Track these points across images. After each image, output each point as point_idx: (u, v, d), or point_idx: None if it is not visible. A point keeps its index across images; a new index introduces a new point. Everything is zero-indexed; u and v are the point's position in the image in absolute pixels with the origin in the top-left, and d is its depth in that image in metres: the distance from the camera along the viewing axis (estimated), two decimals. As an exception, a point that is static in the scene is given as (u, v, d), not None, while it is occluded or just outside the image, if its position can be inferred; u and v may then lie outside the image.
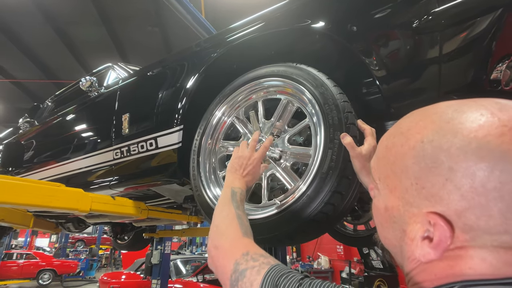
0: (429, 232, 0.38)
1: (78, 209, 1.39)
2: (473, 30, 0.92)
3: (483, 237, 0.36)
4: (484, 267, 0.36)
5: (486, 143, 0.35)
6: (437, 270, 0.39)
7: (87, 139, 1.96)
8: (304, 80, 1.08)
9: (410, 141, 0.41)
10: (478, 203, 0.35)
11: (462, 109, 0.39)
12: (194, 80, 1.43)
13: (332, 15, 1.12)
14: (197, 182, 1.26)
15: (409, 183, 0.40)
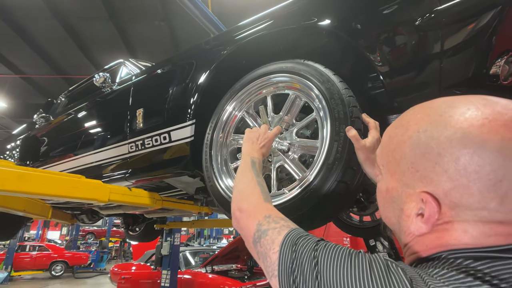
0: (422, 209, 0.45)
1: (98, 199, 1.48)
2: (473, 27, 0.96)
3: (466, 212, 0.42)
4: (466, 238, 0.42)
5: (469, 133, 0.41)
6: (428, 241, 0.46)
7: (103, 133, 2.05)
8: (312, 76, 1.14)
9: (408, 131, 0.48)
10: (461, 184, 0.41)
11: (453, 104, 0.46)
12: (206, 76, 1.49)
13: (337, 13, 1.17)
14: (210, 174, 1.33)
15: (406, 167, 0.47)
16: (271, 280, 0.54)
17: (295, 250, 0.50)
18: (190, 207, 2.09)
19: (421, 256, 0.47)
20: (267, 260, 0.55)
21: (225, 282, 5.93)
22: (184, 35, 8.24)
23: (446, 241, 0.44)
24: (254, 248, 0.60)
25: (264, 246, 0.56)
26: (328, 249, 0.47)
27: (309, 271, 0.46)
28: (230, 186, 1.28)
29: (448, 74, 1.00)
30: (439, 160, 0.43)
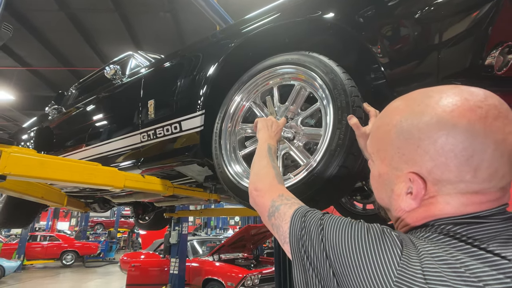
0: (411, 188, 0.51)
1: (113, 185, 1.57)
2: (470, 19, 1.01)
3: (447, 186, 0.49)
4: (448, 208, 0.49)
5: (442, 117, 0.48)
6: (417, 214, 0.53)
7: (115, 124, 2.13)
8: (316, 67, 1.20)
9: (392, 121, 0.54)
10: (441, 162, 0.48)
11: (429, 94, 0.52)
12: (214, 68, 1.56)
13: (341, 7, 1.22)
14: (220, 161, 1.41)
15: (394, 152, 0.53)
16: (283, 246, 0.61)
17: (304, 221, 0.58)
18: (200, 194, 2.18)
19: (412, 227, 0.54)
20: (280, 230, 0.63)
21: (232, 270, 6.09)
22: (190, 26, 8.24)
23: (432, 213, 0.51)
24: (269, 221, 0.68)
25: (277, 218, 0.65)
26: (332, 218, 0.55)
27: (316, 235, 0.53)
28: (239, 172, 1.36)
29: (445, 65, 1.05)
30: (421, 144, 0.49)
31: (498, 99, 0.49)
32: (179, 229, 5.88)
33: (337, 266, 0.49)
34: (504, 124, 0.46)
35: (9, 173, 1.25)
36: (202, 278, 6.31)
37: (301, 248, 0.55)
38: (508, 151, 0.46)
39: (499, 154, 0.46)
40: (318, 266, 0.52)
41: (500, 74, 1.03)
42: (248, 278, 5.77)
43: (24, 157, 1.30)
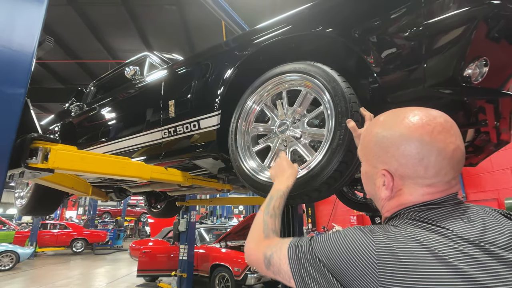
0: (384, 181, 0.70)
1: (141, 177, 1.78)
2: (452, 38, 1.19)
3: (409, 181, 0.67)
4: (411, 198, 0.68)
5: (403, 132, 0.67)
6: (392, 203, 0.71)
7: (137, 121, 2.32)
8: (320, 76, 1.39)
9: (373, 132, 0.73)
10: (402, 162, 0.67)
11: (397, 114, 0.71)
12: (230, 73, 1.76)
13: (338, 24, 1.40)
14: (236, 156, 1.62)
15: (373, 155, 0.72)
16: (290, 283, 0.70)
17: (297, 250, 0.70)
18: (214, 184, 2.39)
19: (390, 213, 0.71)
20: (282, 272, 0.72)
21: (238, 256, 6.36)
22: (195, 18, 8.34)
23: (401, 202, 0.69)
24: (268, 271, 0.77)
25: (275, 265, 0.74)
26: (318, 236, 0.71)
27: (308, 254, 0.67)
28: (254, 167, 1.57)
29: (430, 75, 1.23)
30: (389, 149, 0.68)
31: (444, 119, 0.67)
32: (187, 217, 6.13)
33: (329, 264, 0.62)
34: (446, 137, 0.64)
35: (57, 167, 1.46)
36: (210, 263, 6.60)
37: (303, 272, 0.66)
38: (448, 156, 0.64)
39: (441, 157, 0.64)
40: (319, 277, 0.63)
41: (477, 84, 1.22)
42: (253, 264, 6.04)
43: (68, 153, 1.51)
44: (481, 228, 0.60)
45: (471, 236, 0.58)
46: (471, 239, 0.58)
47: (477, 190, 5.73)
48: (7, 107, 1.39)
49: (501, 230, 0.61)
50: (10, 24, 1.45)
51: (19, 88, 1.46)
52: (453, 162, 0.64)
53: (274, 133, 1.57)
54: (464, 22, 1.15)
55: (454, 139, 0.64)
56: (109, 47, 9.78)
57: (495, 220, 0.64)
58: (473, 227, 0.61)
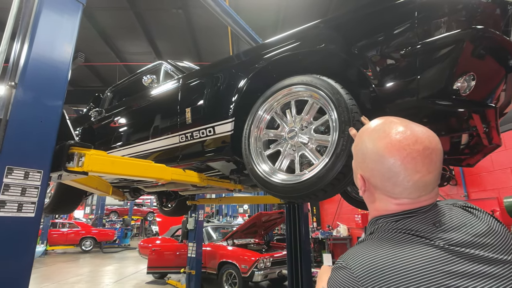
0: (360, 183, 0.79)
1: (163, 178, 1.96)
2: (443, 55, 1.34)
3: (379, 191, 0.75)
4: (381, 206, 0.75)
5: (377, 149, 0.72)
6: (373, 209, 0.79)
7: (156, 127, 2.51)
8: (325, 88, 1.56)
9: (358, 144, 0.81)
10: (372, 174, 0.74)
11: (384, 127, 0.75)
12: (243, 83, 1.93)
13: (340, 42, 1.57)
14: (249, 159, 1.80)
15: (357, 163, 0.81)
16: None
17: None
18: (227, 184, 2.57)
19: (371, 217, 0.79)
20: None
21: (245, 253, 6.54)
22: (201, 21, 8.50)
23: (377, 208, 0.77)
24: None
25: None
26: None
27: None
28: (266, 170, 1.74)
29: (423, 88, 1.39)
30: (365, 160, 0.75)
31: (424, 145, 0.69)
32: (195, 216, 6.31)
33: None
34: (416, 165, 0.68)
35: (91, 170, 1.65)
36: (218, 261, 6.79)
37: None
38: (413, 181, 0.68)
39: (406, 181, 0.69)
40: None
41: (465, 96, 1.37)
42: (260, 261, 6.22)
43: (100, 158, 1.69)
44: (450, 231, 0.67)
45: (442, 241, 0.65)
46: (441, 244, 0.64)
47: (478, 189, 5.85)
48: (48, 117, 1.58)
49: (466, 229, 0.68)
50: (51, 44, 1.64)
51: (58, 100, 1.65)
52: (418, 185, 0.69)
53: (284, 139, 1.74)
54: (453, 42, 1.31)
55: (425, 169, 0.68)
56: (117, 50, 10.00)
57: (460, 219, 0.71)
58: (444, 231, 0.67)
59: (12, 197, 1.40)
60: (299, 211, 4.39)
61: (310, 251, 4.61)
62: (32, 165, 1.48)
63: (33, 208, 1.46)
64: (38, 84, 1.57)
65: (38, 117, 1.55)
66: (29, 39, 1.60)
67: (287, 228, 4.49)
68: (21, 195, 1.42)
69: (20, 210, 1.41)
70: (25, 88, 1.52)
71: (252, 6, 7.26)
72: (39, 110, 1.56)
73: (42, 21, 1.63)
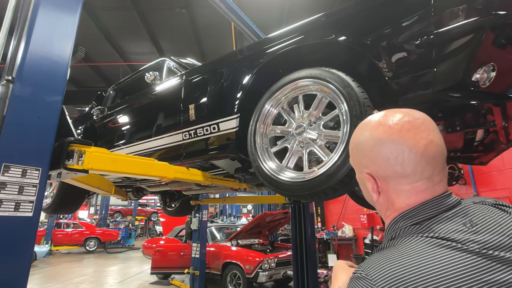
0: (370, 184, 0.70)
1: (166, 177, 1.89)
2: (461, 45, 1.26)
3: (391, 182, 0.67)
4: (400, 201, 0.67)
5: (373, 135, 0.68)
6: (389, 212, 0.70)
7: (158, 124, 2.44)
8: (335, 81, 1.48)
9: (353, 141, 0.75)
10: (379, 165, 0.67)
11: (369, 120, 0.72)
12: (248, 79, 1.86)
13: (352, 33, 1.49)
14: (255, 157, 1.73)
15: (357, 161, 0.74)
16: None
17: None
18: (232, 183, 2.50)
19: (390, 220, 0.70)
20: None
21: (249, 254, 6.48)
22: (205, 20, 8.47)
23: (395, 207, 0.68)
24: None
25: None
26: None
27: None
28: (273, 168, 1.67)
29: (440, 80, 1.31)
30: (366, 154, 0.70)
31: (413, 116, 0.67)
32: (199, 216, 6.26)
33: None
34: (415, 133, 0.64)
35: (91, 168, 1.59)
36: (222, 261, 6.73)
37: None
38: (420, 152, 0.63)
39: (413, 154, 0.63)
40: None
41: (484, 88, 1.29)
42: (265, 262, 6.16)
43: (101, 155, 1.63)
44: (484, 232, 0.59)
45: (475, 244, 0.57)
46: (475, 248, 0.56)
47: (488, 189, 5.72)
48: (47, 113, 1.52)
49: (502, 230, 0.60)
50: (50, 38, 1.58)
51: (57, 96, 1.59)
52: (427, 158, 0.64)
53: (292, 135, 1.67)
54: (472, 31, 1.23)
55: (425, 134, 0.65)
56: (121, 50, 10.00)
57: (494, 218, 0.64)
58: (477, 232, 0.59)
59: (9, 196, 1.34)
60: (304, 211, 4.32)
61: (316, 251, 4.54)
62: (30, 163, 1.42)
63: (31, 207, 1.40)
64: (37, 78, 1.52)
65: (37, 113, 1.49)
66: (27, 33, 1.54)
67: (292, 228, 4.42)
68: (18, 193, 1.37)
69: (17, 209, 1.36)
70: (23, 83, 1.47)
71: (256, 4, 7.18)
72: (38, 106, 1.51)
73: (41, 14, 1.58)
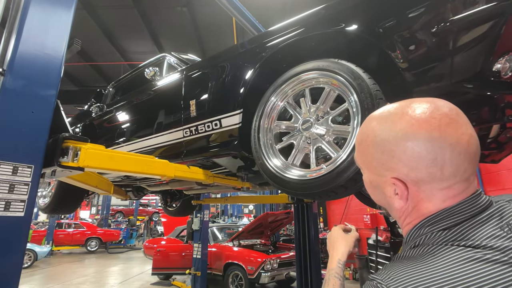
0: (396, 190, 0.60)
1: (166, 175, 1.81)
2: (480, 33, 1.18)
3: (424, 186, 0.57)
4: (431, 206, 0.58)
5: (406, 131, 0.56)
6: (413, 215, 0.61)
7: (158, 121, 2.37)
8: (344, 73, 1.40)
9: (369, 137, 0.62)
10: (412, 166, 0.56)
11: (394, 111, 0.60)
12: (251, 73, 1.78)
13: (362, 21, 1.40)
14: (259, 154, 1.64)
15: (376, 163, 0.62)
16: None
17: None
18: (234, 182, 2.42)
19: (411, 226, 0.61)
20: None
21: (251, 254, 6.39)
22: (206, 19, 8.41)
23: (421, 212, 0.59)
24: None
25: None
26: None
27: None
28: (278, 165, 1.58)
29: (458, 70, 1.23)
30: (394, 154, 0.58)
31: (448, 107, 0.58)
32: (201, 216, 6.19)
33: None
34: (455, 128, 0.55)
35: (87, 166, 1.51)
36: (223, 262, 6.65)
37: None
38: (464, 150, 0.55)
39: (456, 153, 0.54)
40: None
41: (506, 79, 1.21)
42: (267, 263, 6.07)
43: (97, 152, 1.55)
44: None
45: None
46: None
47: (496, 188, 5.62)
48: (40, 108, 1.44)
49: None
50: (43, 29, 1.51)
51: (51, 90, 1.51)
52: (470, 155, 0.56)
53: (298, 130, 1.58)
54: (493, 16, 1.14)
55: (465, 128, 0.56)
56: (122, 49, 9.95)
57: None
58: None
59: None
60: (308, 211, 4.24)
61: (319, 252, 4.46)
62: (22, 160, 1.35)
63: (23, 207, 1.32)
64: (29, 71, 1.44)
65: (29, 107, 1.42)
66: (19, 23, 1.46)
67: (295, 228, 4.35)
68: (8, 192, 1.29)
69: (7, 209, 1.28)
70: (14, 75, 1.39)
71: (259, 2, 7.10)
72: (30, 100, 1.43)
73: (34, 3, 1.50)
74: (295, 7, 7.32)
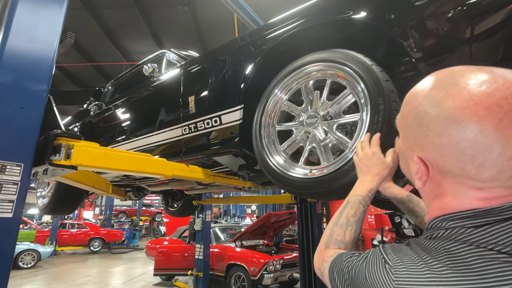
0: (418, 170, 0.54)
1: (164, 174, 1.73)
2: (500, 17, 1.08)
3: (451, 178, 0.50)
4: (455, 203, 0.51)
5: (453, 113, 0.46)
6: (434, 205, 0.55)
7: (156, 118, 2.29)
8: (350, 62, 1.31)
9: (411, 105, 0.54)
10: (444, 154, 0.48)
11: (453, 80, 0.49)
12: (252, 67, 1.69)
13: (372, 7, 1.31)
14: (261, 151, 1.55)
15: (409, 134, 0.55)
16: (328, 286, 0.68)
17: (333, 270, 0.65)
18: (236, 181, 2.34)
19: (430, 218, 0.56)
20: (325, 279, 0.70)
21: (254, 255, 6.31)
22: (208, 18, 8.34)
23: (443, 205, 0.53)
24: (322, 278, 0.75)
25: (325, 278, 0.70)
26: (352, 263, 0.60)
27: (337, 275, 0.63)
28: (280, 163, 1.50)
29: (477, 58, 1.13)
30: (429, 133, 0.50)
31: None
32: (202, 217, 6.13)
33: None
34: None
35: (80, 164, 1.43)
36: (226, 263, 6.57)
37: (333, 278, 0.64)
38: None
39: (505, 158, 0.44)
40: None
41: (529, 67, 1.11)
42: (270, 264, 5.98)
43: (91, 150, 1.48)
44: None
45: None
46: None
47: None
48: (31, 103, 1.37)
49: None
50: (34, 22, 1.44)
51: (42, 85, 1.44)
52: None
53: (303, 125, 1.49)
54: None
55: None
56: (123, 49, 9.91)
57: None
58: None
59: (-15, 195, 1.19)
60: (311, 211, 4.16)
61: (323, 253, 4.39)
62: (10, 158, 1.27)
63: (11, 208, 1.25)
64: (18, 65, 1.37)
65: (18, 103, 1.35)
66: (8, 15, 1.39)
67: (299, 229, 4.27)
68: (-5, 192, 1.21)
69: (-6, 210, 1.20)
70: (3, 69, 1.32)
71: None
72: (20, 95, 1.36)
73: (24, -6, 1.42)
74: (298, 3, 7.24)
